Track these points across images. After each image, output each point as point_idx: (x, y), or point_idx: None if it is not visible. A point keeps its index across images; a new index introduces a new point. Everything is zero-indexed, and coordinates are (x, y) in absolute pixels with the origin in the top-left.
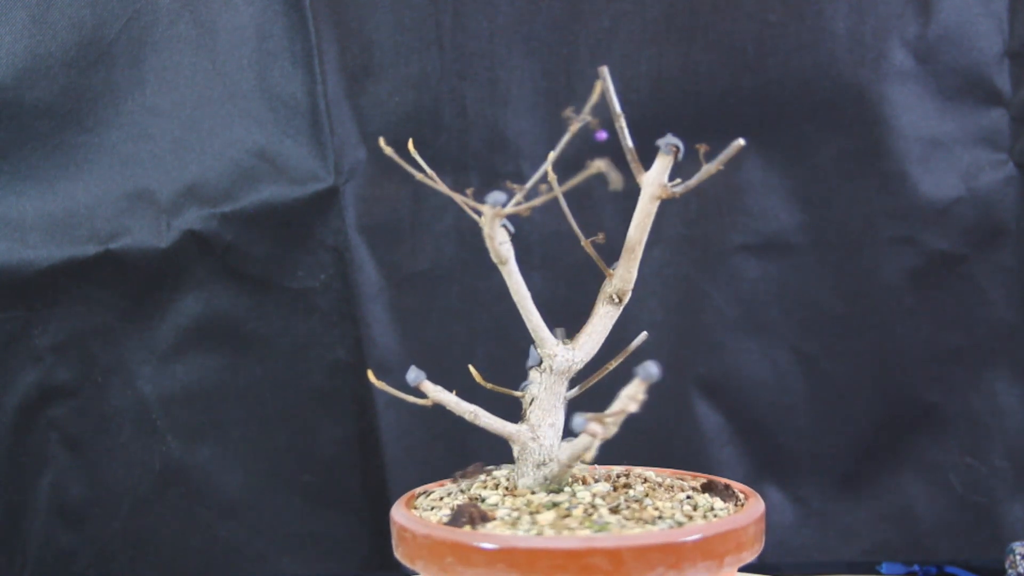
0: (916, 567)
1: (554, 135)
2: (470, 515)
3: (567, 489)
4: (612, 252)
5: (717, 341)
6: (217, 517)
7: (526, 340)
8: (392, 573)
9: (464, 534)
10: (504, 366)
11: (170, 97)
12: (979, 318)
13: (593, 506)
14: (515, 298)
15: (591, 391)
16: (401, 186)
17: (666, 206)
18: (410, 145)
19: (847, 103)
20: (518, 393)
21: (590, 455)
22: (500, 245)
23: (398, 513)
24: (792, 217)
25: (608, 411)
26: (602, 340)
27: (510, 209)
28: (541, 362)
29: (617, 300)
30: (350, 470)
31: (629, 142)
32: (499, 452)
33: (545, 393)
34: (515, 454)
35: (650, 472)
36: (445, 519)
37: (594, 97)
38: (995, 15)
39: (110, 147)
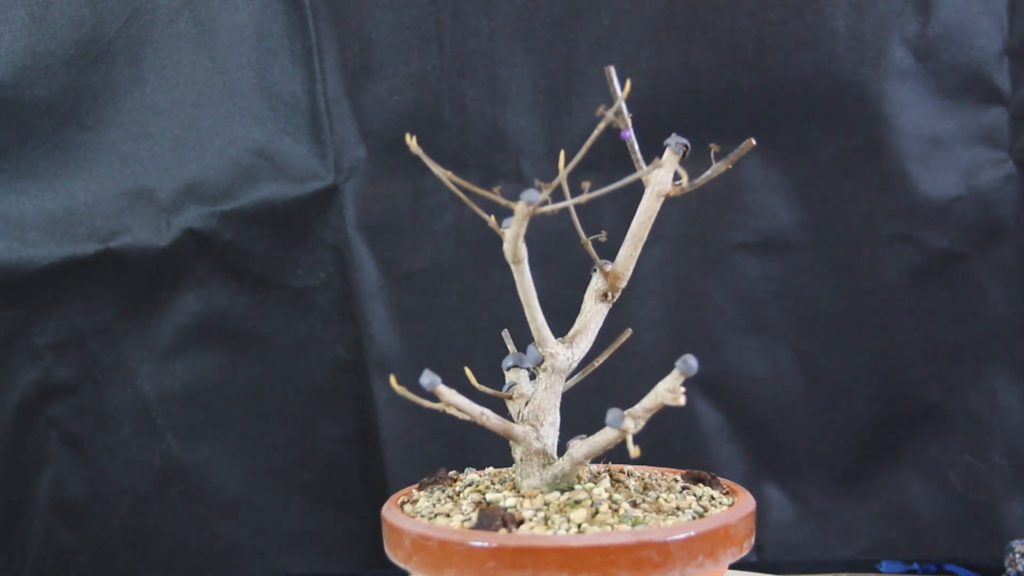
0: (916, 565)
1: (554, 133)
2: (502, 519)
3: (577, 487)
4: (611, 252)
5: (717, 339)
6: (217, 515)
7: (526, 339)
8: (391, 571)
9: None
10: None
11: (170, 95)
12: (979, 316)
13: (614, 501)
14: (523, 297)
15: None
16: (401, 184)
17: (666, 204)
18: (413, 142)
19: (847, 101)
20: (503, 394)
21: (637, 451)
22: (521, 244)
23: (412, 523)
24: (792, 215)
25: (642, 405)
26: (594, 337)
27: (543, 208)
28: (543, 361)
29: (610, 297)
30: (350, 468)
31: (633, 140)
32: (497, 451)
33: (545, 392)
34: (517, 455)
35: (628, 467)
36: (470, 525)
37: (624, 94)
38: (995, 13)
39: (110, 145)
